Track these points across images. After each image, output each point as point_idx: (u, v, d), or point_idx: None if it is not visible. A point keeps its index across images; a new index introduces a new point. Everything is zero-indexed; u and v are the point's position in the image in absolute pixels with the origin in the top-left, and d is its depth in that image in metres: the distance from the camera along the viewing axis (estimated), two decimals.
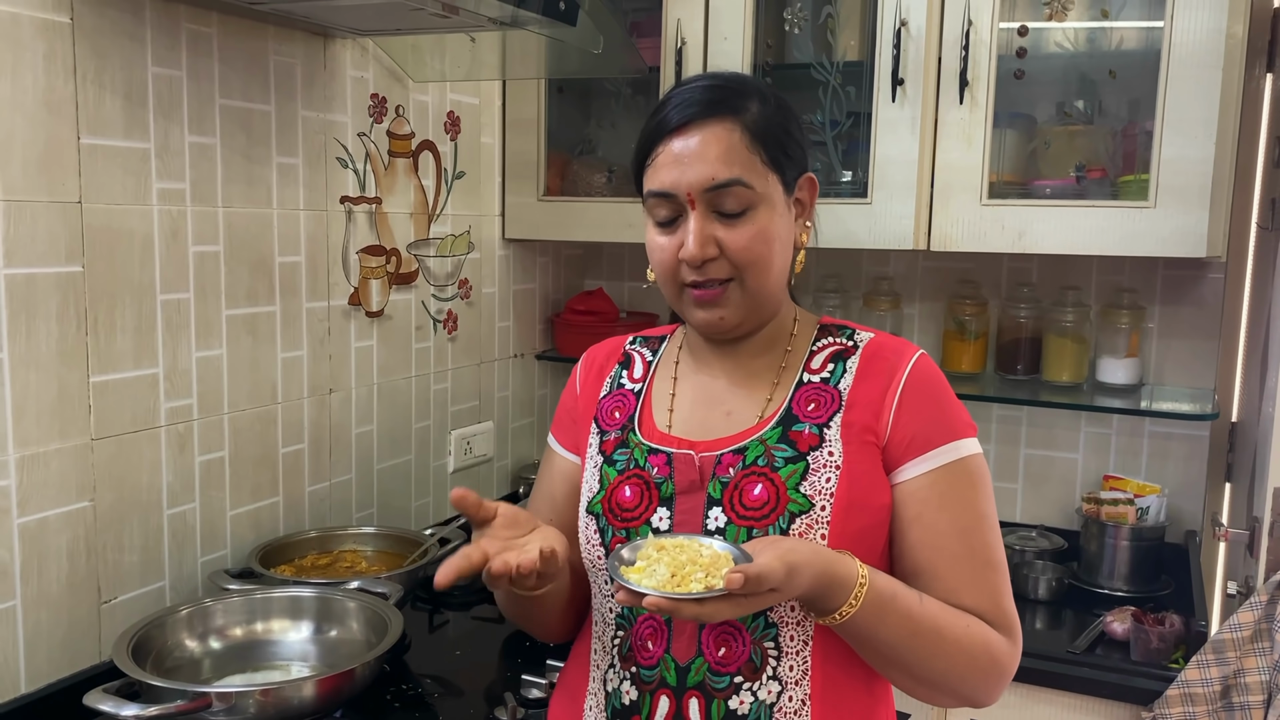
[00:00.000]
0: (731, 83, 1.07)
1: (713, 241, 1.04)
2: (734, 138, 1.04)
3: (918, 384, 1.07)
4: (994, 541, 1.06)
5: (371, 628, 1.43)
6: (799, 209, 1.11)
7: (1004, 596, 1.06)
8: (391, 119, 1.92)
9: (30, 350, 1.33)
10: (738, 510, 1.04)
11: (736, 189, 1.03)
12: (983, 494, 1.07)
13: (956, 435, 1.06)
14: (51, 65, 1.33)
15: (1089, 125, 1.95)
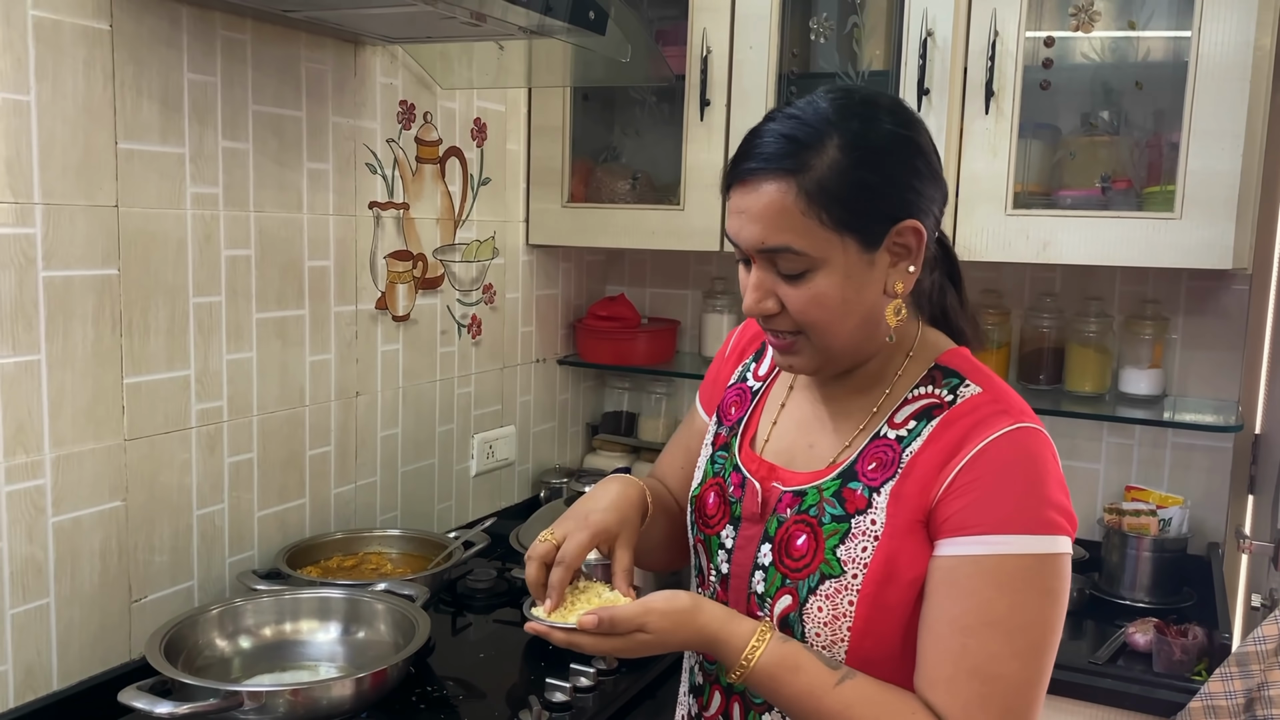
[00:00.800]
0: (802, 130, 0.96)
1: (773, 296, 1.00)
2: (787, 200, 0.95)
3: (986, 462, 0.95)
4: (999, 652, 0.93)
5: (399, 629, 1.44)
6: (900, 253, 0.99)
7: (981, 712, 0.93)
8: (420, 125, 1.94)
9: (67, 351, 1.35)
10: (782, 556, 1.05)
11: (786, 255, 0.97)
12: (1010, 599, 0.93)
13: (1005, 529, 0.93)
14: (91, 71, 1.35)
15: (1114, 136, 1.95)
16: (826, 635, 1.01)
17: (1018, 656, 0.93)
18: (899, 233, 0.98)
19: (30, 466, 1.32)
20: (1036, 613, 0.94)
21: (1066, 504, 0.97)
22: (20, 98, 1.28)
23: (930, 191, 1.00)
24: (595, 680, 1.52)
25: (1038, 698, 0.95)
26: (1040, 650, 0.94)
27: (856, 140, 0.96)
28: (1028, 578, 0.94)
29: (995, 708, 0.93)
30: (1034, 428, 0.97)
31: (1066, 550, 0.96)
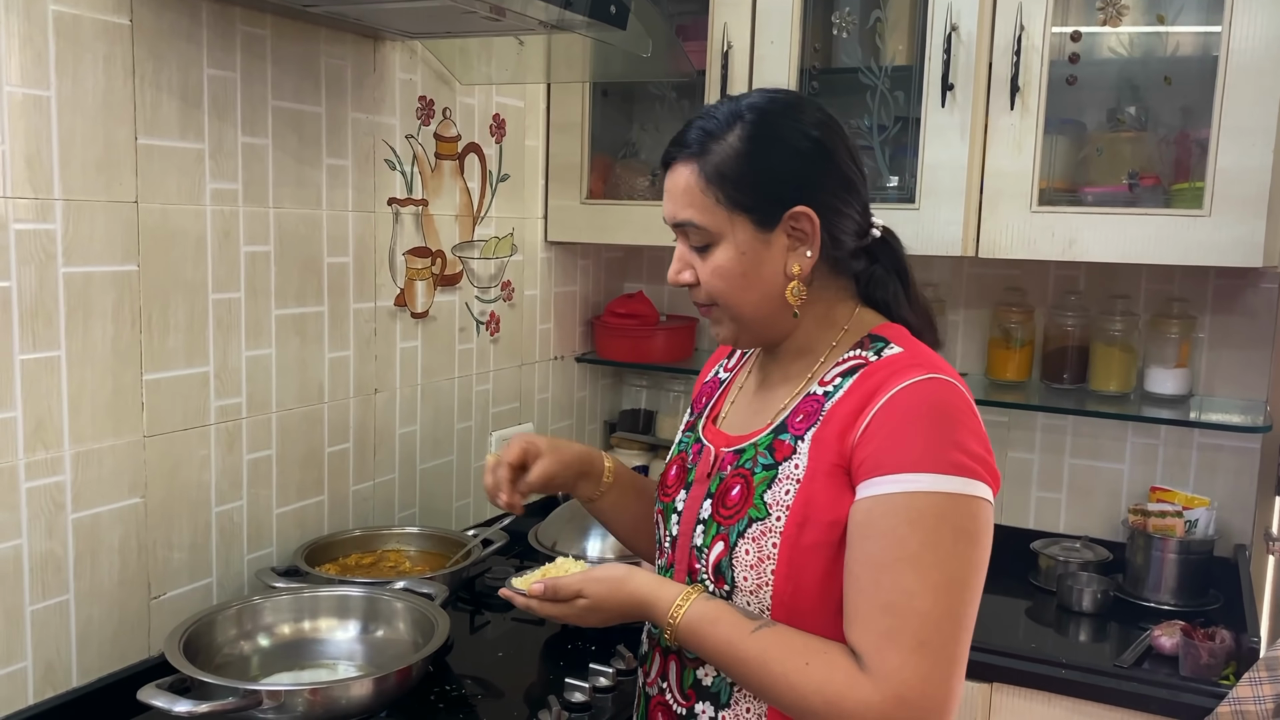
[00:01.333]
0: (712, 121, 1.09)
1: (690, 269, 1.12)
2: (691, 181, 1.08)
3: (896, 407, 1.01)
4: (911, 587, 0.95)
5: (418, 628, 1.43)
6: (796, 240, 1.08)
7: (892, 645, 0.95)
8: (439, 121, 1.93)
9: (86, 348, 1.35)
10: (718, 507, 1.12)
11: (690, 229, 1.09)
12: (921, 536, 0.96)
13: (915, 467, 0.97)
14: (111, 66, 1.35)
15: (1142, 132, 1.92)
16: (753, 578, 1.06)
17: (931, 591, 0.96)
18: (793, 218, 1.07)
19: (50, 463, 1.32)
20: (950, 550, 0.97)
21: (983, 454, 1.00)
22: (40, 93, 1.27)
23: (829, 184, 1.08)
24: (614, 680, 1.50)
25: (956, 636, 0.97)
26: (956, 587, 0.97)
27: (755, 131, 1.07)
28: (939, 514, 0.97)
29: (907, 640, 0.95)
30: (947, 379, 1.03)
31: (983, 495, 0.99)
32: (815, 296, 1.12)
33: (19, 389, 1.28)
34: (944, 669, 0.96)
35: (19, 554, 1.30)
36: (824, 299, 1.13)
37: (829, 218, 1.08)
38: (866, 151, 2.02)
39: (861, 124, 2.01)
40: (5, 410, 1.26)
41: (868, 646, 0.97)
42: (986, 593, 0.97)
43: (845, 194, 1.10)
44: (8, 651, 1.29)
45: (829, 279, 1.12)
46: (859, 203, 1.12)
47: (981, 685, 1.75)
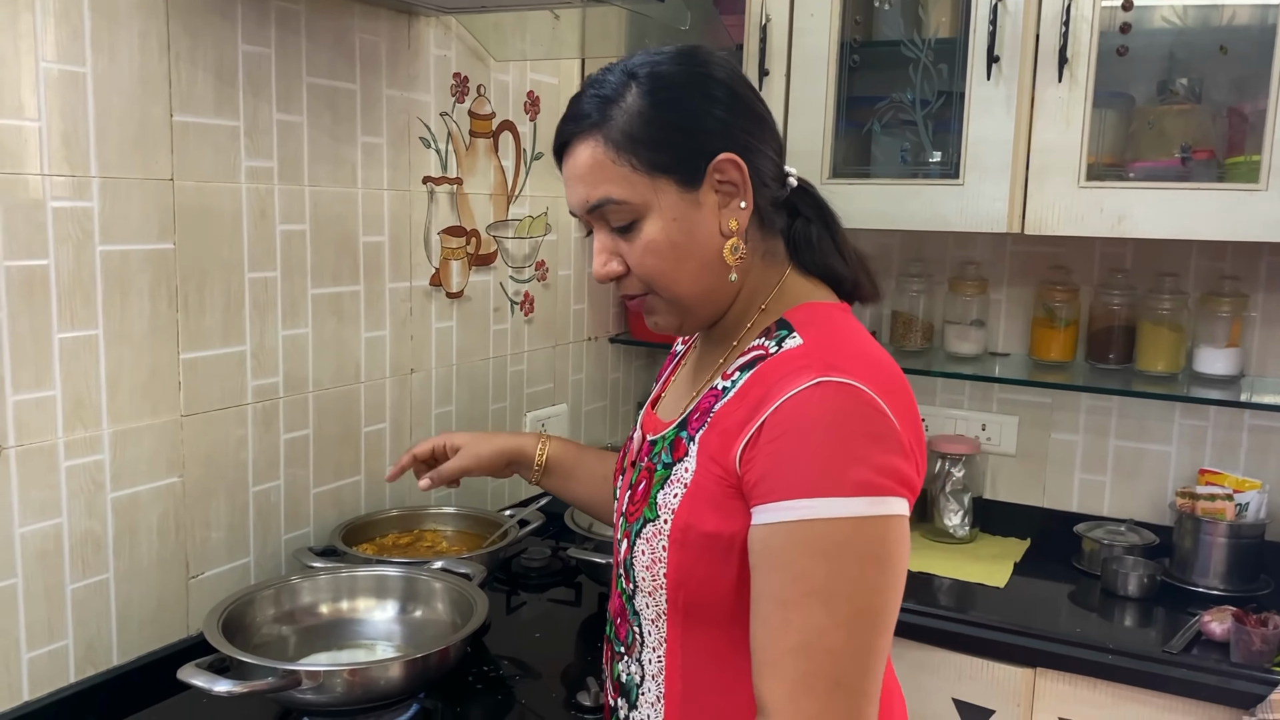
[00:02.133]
0: (604, 88, 0.98)
1: (616, 257, 1.00)
2: (597, 154, 0.97)
3: (783, 421, 0.90)
4: (821, 623, 0.86)
5: (456, 608, 1.42)
6: (727, 194, 0.98)
7: (808, 693, 0.86)
8: (473, 99, 1.91)
9: (124, 327, 1.34)
10: (627, 502, 1.07)
11: (609, 208, 0.97)
12: (826, 567, 0.86)
13: (811, 492, 0.87)
14: (146, 43, 1.34)
15: (1195, 104, 1.86)
16: (649, 580, 1.01)
17: (843, 627, 0.86)
18: (718, 168, 0.97)
19: (89, 442, 1.32)
20: (858, 579, 0.87)
21: (891, 463, 0.89)
22: (77, 69, 1.26)
23: (746, 125, 0.99)
24: None
25: (871, 669, 0.88)
26: (868, 618, 0.87)
27: (653, 84, 0.97)
28: (842, 542, 0.87)
29: (823, 683, 0.86)
30: (842, 382, 0.90)
31: (893, 512, 0.89)
32: (749, 260, 1.02)
33: (58, 368, 1.27)
34: (864, 707, 0.87)
35: (59, 532, 1.30)
36: (754, 264, 1.03)
37: (752, 160, 0.99)
38: (909, 126, 1.98)
39: (904, 98, 1.97)
40: (44, 389, 1.26)
41: (780, 697, 0.87)
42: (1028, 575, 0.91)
43: (760, 131, 1.00)
44: (49, 630, 1.30)
45: (758, 238, 1.03)
46: (775, 142, 1.02)
47: (1025, 670, 1.72)
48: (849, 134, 2.05)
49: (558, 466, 1.40)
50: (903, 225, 1.96)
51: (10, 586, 1.25)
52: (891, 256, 2.30)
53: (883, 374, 0.93)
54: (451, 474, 1.41)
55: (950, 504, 2.15)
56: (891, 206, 1.95)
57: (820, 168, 1.99)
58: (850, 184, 1.99)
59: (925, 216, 1.91)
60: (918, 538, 2.17)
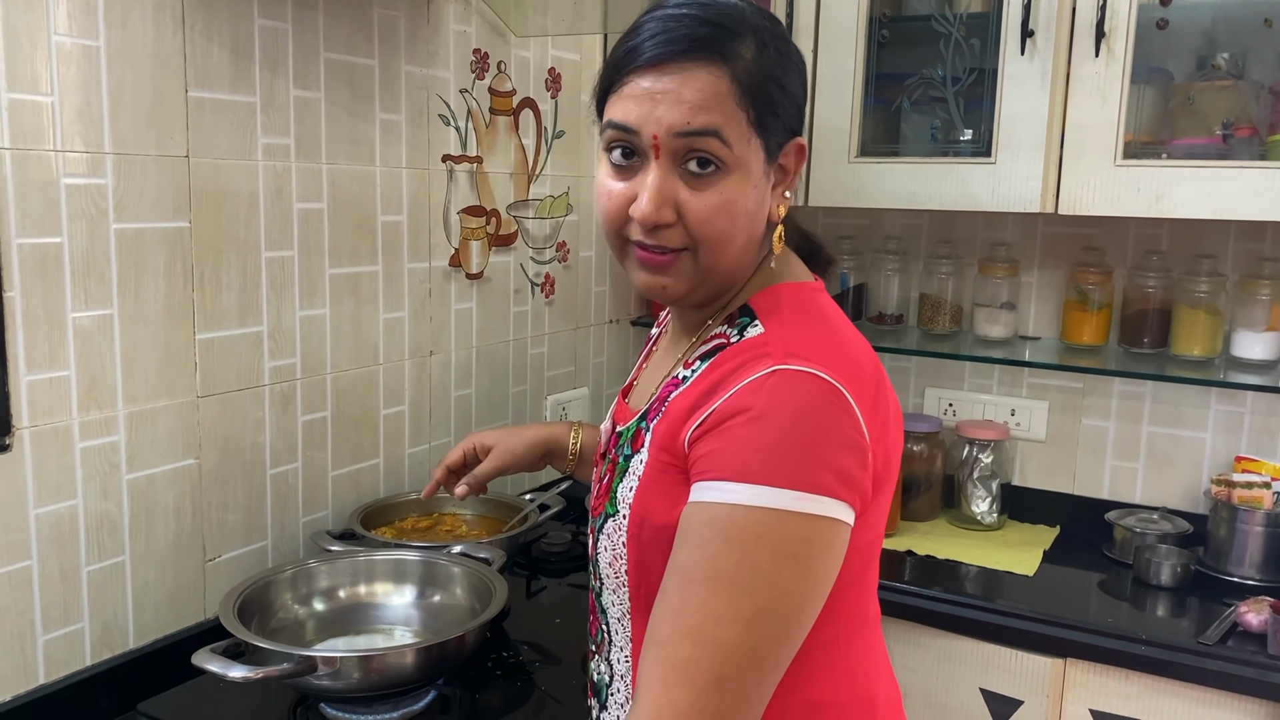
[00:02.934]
0: (728, 19, 0.88)
1: (671, 204, 0.89)
2: (720, 86, 0.87)
3: (732, 408, 0.85)
4: (720, 613, 0.80)
5: (475, 593, 1.40)
6: (780, 176, 0.95)
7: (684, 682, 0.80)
8: (493, 75, 1.88)
9: (139, 306, 1.32)
10: (593, 496, 1.04)
11: (712, 142, 0.87)
12: (737, 556, 0.81)
13: (744, 476, 0.82)
14: (160, 16, 1.31)
15: (1237, 80, 1.80)
16: (613, 575, 0.98)
17: (741, 622, 0.80)
18: (786, 151, 0.94)
19: (104, 423, 1.30)
20: (769, 576, 0.81)
21: (836, 460, 0.83)
22: (90, 43, 1.24)
23: (804, 116, 0.96)
24: None
25: (761, 676, 0.82)
26: (770, 621, 0.81)
27: (774, 41, 0.90)
28: (760, 534, 0.81)
29: (703, 676, 0.79)
30: (800, 369, 0.84)
31: (830, 515, 0.82)
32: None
33: (72, 348, 1.25)
34: (740, 708, 0.81)
35: (75, 514, 1.28)
36: None
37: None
38: (940, 103, 1.93)
39: (935, 74, 1.92)
40: (59, 369, 1.24)
41: (655, 680, 0.81)
42: (1058, 564, 0.85)
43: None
44: (65, 612, 1.29)
45: None
46: None
47: (1055, 660, 1.68)
48: (878, 111, 2.00)
49: (591, 454, 1.36)
50: (933, 205, 1.91)
51: (26, 568, 1.24)
52: (920, 237, 2.26)
53: (847, 359, 0.88)
54: (487, 476, 1.38)
55: (978, 490, 2.11)
56: (921, 186, 1.90)
57: (848, 146, 1.95)
58: (879, 163, 1.95)
59: (956, 196, 1.87)
60: (944, 524, 2.13)
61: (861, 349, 0.93)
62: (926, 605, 1.76)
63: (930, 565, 1.92)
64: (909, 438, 2.14)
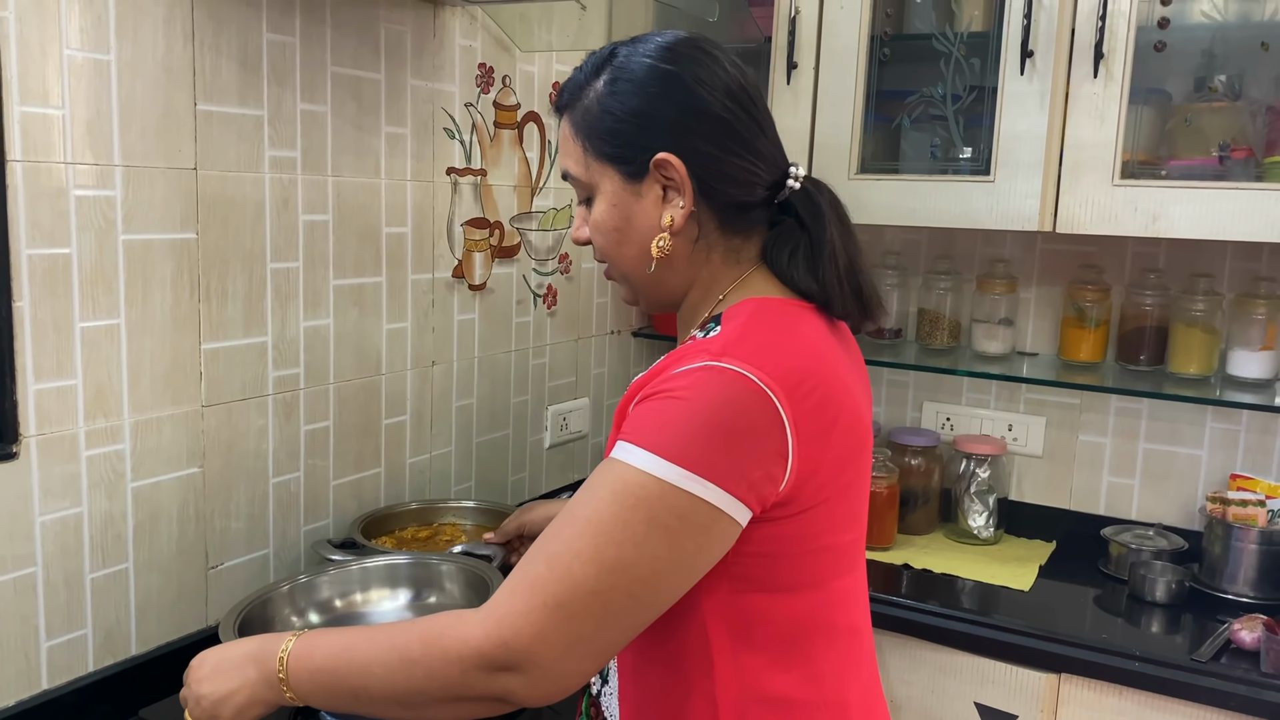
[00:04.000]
0: (582, 71, 1.05)
1: (585, 226, 1.07)
2: (567, 132, 1.05)
3: (656, 389, 0.91)
4: (581, 550, 0.86)
5: (473, 590, 1.41)
6: (672, 188, 1.00)
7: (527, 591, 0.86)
8: (498, 89, 1.90)
9: (145, 316, 1.34)
10: None
11: (570, 180, 1.06)
12: (615, 509, 0.87)
13: (645, 444, 0.88)
14: (170, 30, 1.33)
15: (1234, 101, 1.82)
16: None
17: (595, 563, 0.86)
18: (660, 165, 0.99)
19: (110, 431, 1.31)
20: (639, 536, 0.86)
21: (738, 459, 0.88)
22: (101, 57, 1.25)
23: (701, 128, 0.99)
24: None
25: (603, 620, 0.86)
26: (627, 576, 0.86)
27: (616, 74, 1.01)
28: (641, 496, 0.86)
29: (542, 595, 0.85)
30: (727, 367, 0.89)
31: (708, 498, 0.87)
32: (702, 257, 1.03)
33: (79, 356, 1.27)
34: (570, 639, 0.85)
35: (80, 521, 1.29)
36: (711, 260, 1.03)
37: (702, 164, 0.99)
38: (939, 121, 1.95)
39: (935, 92, 1.94)
40: (66, 378, 1.26)
41: (508, 584, 0.88)
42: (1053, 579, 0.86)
43: (723, 138, 0.99)
44: (68, 618, 1.30)
45: (717, 236, 1.02)
46: (746, 149, 1.00)
47: (1049, 675, 1.69)
48: (878, 128, 2.02)
49: None
50: (932, 222, 1.93)
51: (30, 575, 1.25)
52: (919, 253, 2.27)
53: (787, 365, 0.92)
54: None
55: (975, 505, 2.12)
56: (920, 202, 1.92)
57: (848, 162, 1.96)
58: (879, 179, 1.96)
59: (955, 213, 1.88)
60: (941, 538, 2.15)
61: (815, 361, 0.95)
62: (922, 619, 1.77)
63: (927, 579, 1.93)
64: (906, 451, 2.15)
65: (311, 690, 0.95)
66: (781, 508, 0.93)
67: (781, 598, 0.97)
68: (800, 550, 0.96)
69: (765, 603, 0.97)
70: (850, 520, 1.02)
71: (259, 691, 0.97)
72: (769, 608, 0.97)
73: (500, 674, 0.86)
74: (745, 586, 0.96)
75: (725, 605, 0.96)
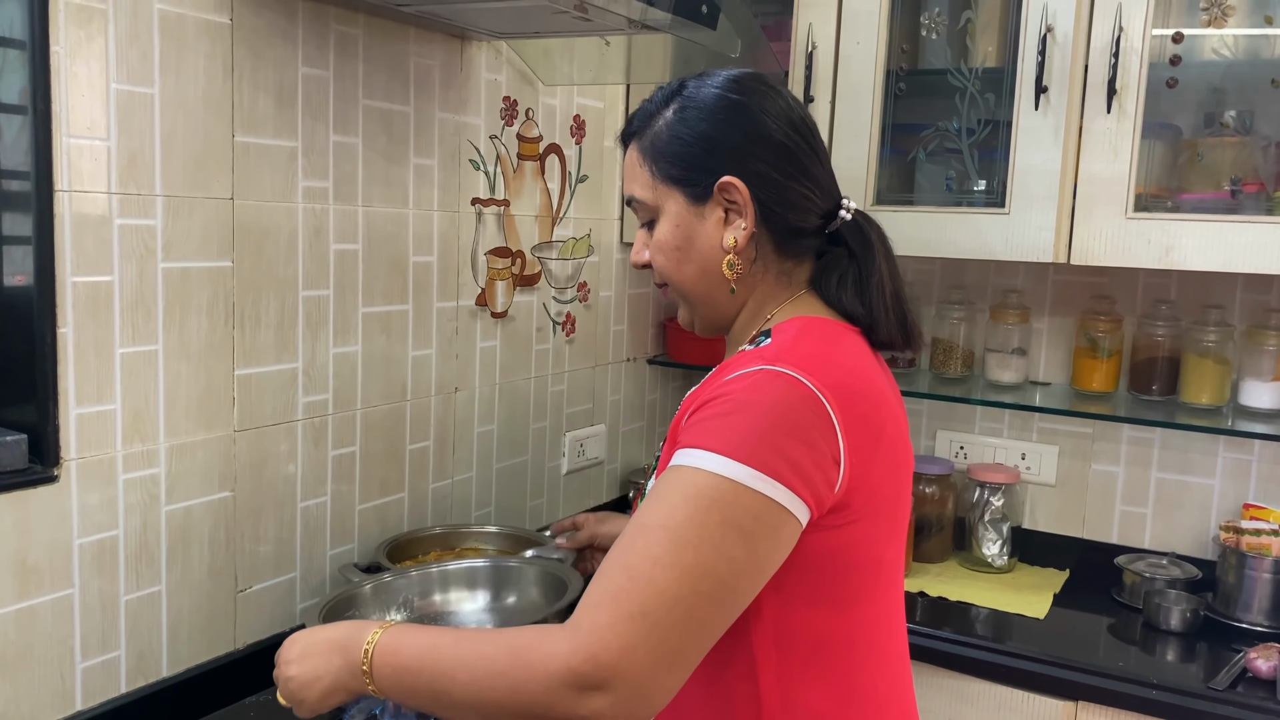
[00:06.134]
0: (652, 102, 1.12)
1: (646, 248, 1.13)
2: (634, 158, 1.11)
3: (723, 394, 0.95)
4: (659, 556, 0.87)
5: (551, 587, 1.43)
6: (733, 212, 1.06)
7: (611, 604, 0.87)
8: (522, 122, 1.93)
9: (182, 342, 1.37)
10: None
11: (635, 204, 1.12)
12: (689, 511, 0.89)
13: (713, 447, 0.91)
14: (212, 65, 1.36)
15: (1245, 136, 1.86)
16: None
17: (676, 568, 0.87)
18: (723, 189, 1.05)
19: (146, 455, 1.34)
20: (715, 538, 0.88)
21: (802, 462, 0.91)
22: (145, 90, 1.29)
23: (765, 154, 1.05)
24: None
25: (687, 626, 0.87)
26: (706, 579, 0.88)
27: (685, 103, 1.08)
28: (715, 498, 0.89)
29: (627, 606, 0.86)
30: (784, 371, 0.94)
31: (777, 498, 0.90)
32: (757, 278, 1.09)
33: (119, 382, 1.30)
34: (658, 650, 0.86)
35: (116, 544, 1.32)
36: (765, 281, 1.09)
37: (764, 188, 1.05)
38: (954, 154, 1.98)
39: (950, 126, 1.97)
40: (106, 403, 1.29)
41: (590, 599, 0.89)
42: (1068, 607, 0.90)
43: (785, 165, 1.05)
44: (103, 640, 1.32)
45: (773, 259, 1.08)
46: (806, 176, 1.07)
47: (1066, 703, 1.70)
48: (893, 161, 2.05)
49: None
50: (947, 253, 1.96)
51: (67, 596, 1.27)
52: (932, 283, 2.30)
53: (838, 376, 0.96)
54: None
55: (989, 533, 2.14)
56: (935, 234, 1.95)
57: (864, 194, 2.00)
58: (894, 211, 2.00)
59: (970, 245, 1.91)
60: (955, 566, 2.16)
61: (862, 374, 1.00)
62: (939, 646, 1.78)
63: (942, 607, 1.94)
64: (920, 479, 2.17)
65: (393, 686, 0.96)
66: (833, 514, 0.96)
67: (826, 612, 1.00)
68: (847, 563, 0.99)
69: (810, 617, 0.99)
70: (893, 535, 1.06)
71: (343, 679, 1.00)
72: (813, 622, 1.00)
73: (588, 694, 0.85)
74: (792, 599, 0.99)
75: (773, 617, 0.99)
